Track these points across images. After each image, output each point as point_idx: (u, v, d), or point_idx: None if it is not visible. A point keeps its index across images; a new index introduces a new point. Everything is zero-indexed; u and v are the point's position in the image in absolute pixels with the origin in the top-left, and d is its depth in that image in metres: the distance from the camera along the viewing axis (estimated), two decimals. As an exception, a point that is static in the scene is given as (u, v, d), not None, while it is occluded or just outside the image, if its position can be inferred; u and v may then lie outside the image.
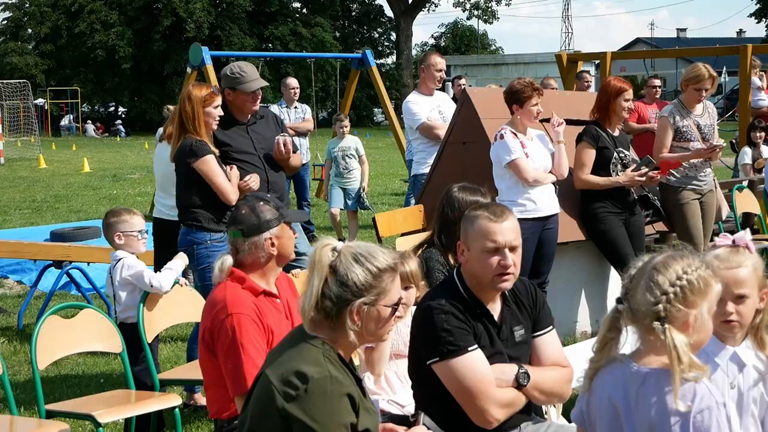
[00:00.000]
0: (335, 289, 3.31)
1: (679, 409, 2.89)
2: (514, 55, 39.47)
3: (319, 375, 3.22)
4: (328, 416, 3.20)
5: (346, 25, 68.87)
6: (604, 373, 3.10)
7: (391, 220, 8.33)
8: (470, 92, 8.66)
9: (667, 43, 76.91)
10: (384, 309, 3.37)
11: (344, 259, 3.35)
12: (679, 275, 2.97)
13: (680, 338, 2.92)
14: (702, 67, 8.38)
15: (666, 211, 8.45)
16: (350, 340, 3.34)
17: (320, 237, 3.55)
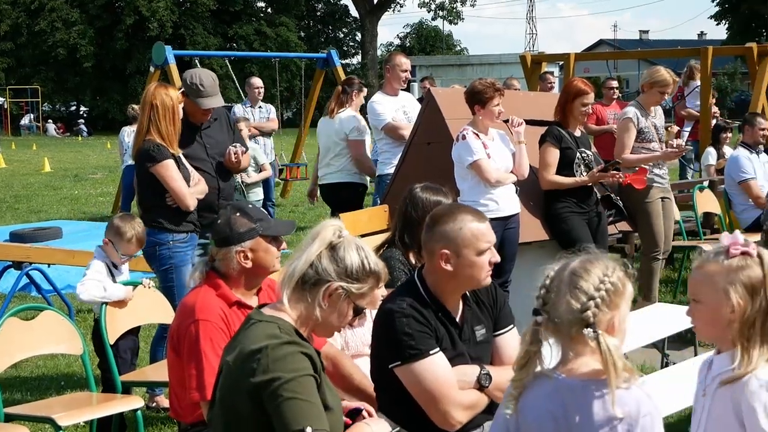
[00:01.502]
0: (326, 262, 3.37)
1: (619, 416, 2.85)
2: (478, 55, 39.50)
3: (277, 341, 3.26)
4: (291, 369, 3.22)
5: (311, 25, 68.77)
6: (532, 391, 3.01)
7: (355, 219, 8.31)
8: (435, 92, 8.66)
9: (630, 44, 77.33)
10: (350, 308, 3.41)
11: (346, 243, 3.42)
12: (601, 278, 2.93)
13: (613, 342, 2.89)
14: (665, 73, 8.48)
15: (629, 210, 8.50)
16: (314, 316, 3.36)
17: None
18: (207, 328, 4.21)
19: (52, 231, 11.86)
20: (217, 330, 4.21)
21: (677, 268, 10.50)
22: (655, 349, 7.10)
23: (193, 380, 4.19)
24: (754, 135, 10.65)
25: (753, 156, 10.52)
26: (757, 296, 3.07)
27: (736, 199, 10.51)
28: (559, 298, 2.95)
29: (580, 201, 8.00)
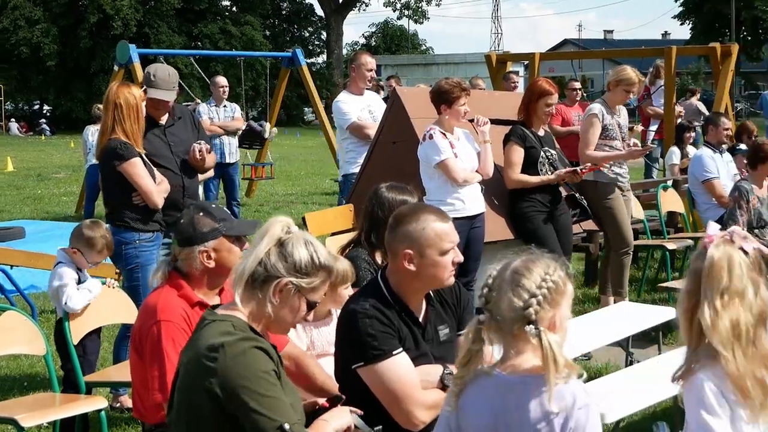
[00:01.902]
0: (274, 259, 3.38)
1: (555, 411, 2.88)
2: (444, 55, 39.66)
3: (232, 339, 3.27)
4: (250, 369, 3.23)
5: (276, 24, 68.51)
6: (472, 388, 3.05)
7: (321, 219, 8.30)
8: (400, 92, 8.67)
9: (595, 44, 77.93)
10: (303, 302, 3.42)
11: (294, 239, 3.42)
12: (543, 277, 2.97)
13: (554, 338, 2.92)
14: (631, 72, 8.54)
15: (593, 209, 8.53)
16: (266, 313, 3.38)
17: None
18: (169, 328, 4.19)
19: (15, 231, 11.74)
20: (179, 330, 4.19)
21: (641, 267, 10.56)
22: (619, 347, 7.13)
23: (155, 381, 4.17)
24: (717, 135, 10.72)
25: (716, 155, 10.59)
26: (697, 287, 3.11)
27: (699, 199, 10.58)
28: (501, 297, 2.99)
29: (544, 200, 8.03)
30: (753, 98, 61.04)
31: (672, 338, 8.16)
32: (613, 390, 5.12)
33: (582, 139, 8.63)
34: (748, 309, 3.02)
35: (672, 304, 8.91)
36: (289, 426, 3.20)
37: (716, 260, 3.06)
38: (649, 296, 9.85)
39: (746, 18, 61.30)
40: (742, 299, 3.03)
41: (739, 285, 3.03)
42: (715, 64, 14.50)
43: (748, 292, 3.04)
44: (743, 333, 3.01)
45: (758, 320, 3.04)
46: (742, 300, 3.03)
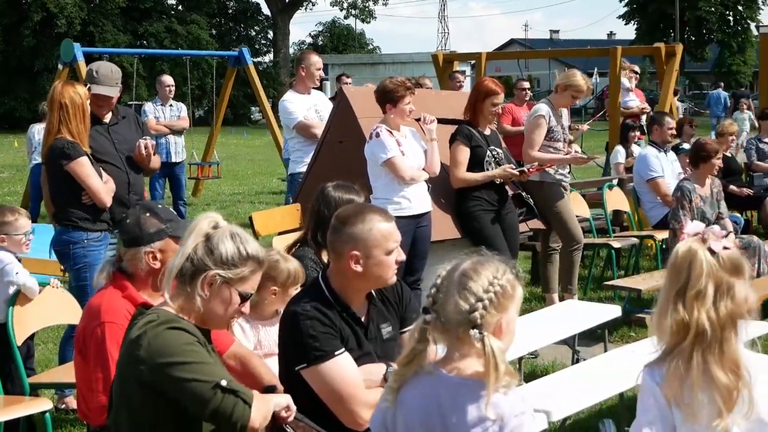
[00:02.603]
0: (201, 253, 3.41)
1: (492, 418, 2.87)
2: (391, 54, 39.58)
3: (153, 323, 3.33)
4: (170, 346, 3.29)
5: (222, 23, 68.13)
6: (413, 386, 3.03)
7: (268, 218, 8.28)
8: (347, 91, 8.67)
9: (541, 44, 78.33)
10: (235, 294, 3.44)
11: (221, 233, 3.45)
12: (491, 281, 2.95)
13: (497, 344, 2.90)
14: (582, 79, 8.62)
15: (539, 208, 8.58)
16: (195, 306, 3.40)
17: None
18: (113, 330, 4.14)
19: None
20: (124, 332, 4.15)
21: (588, 266, 10.63)
22: (566, 345, 7.17)
23: (99, 383, 4.13)
24: (662, 134, 10.84)
25: (661, 155, 10.70)
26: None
27: (644, 197, 10.68)
28: (448, 298, 2.96)
29: (491, 199, 8.06)
30: (697, 98, 61.80)
31: (618, 336, 8.23)
32: (560, 388, 5.15)
33: (527, 139, 8.67)
34: (708, 310, 2.96)
35: (618, 302, 8.99)
36: (227, 382, 3.24)
37: (678, 258, 3.03)
38: (595, 294, 9.93)
39: (690, 18, 62.01)
40: (701, 300, 2.97)
41: (697, 285, 2.97)
42: (660, 64, 14.65)
43: (708, 293, 2.96)
44: (696, 334, 2.96)
45: (725, 323, 2.97)
46: (700, 301, 2.97)
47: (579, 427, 6.03)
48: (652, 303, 3.16)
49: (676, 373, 2.99)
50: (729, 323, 2.97)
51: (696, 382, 2.95)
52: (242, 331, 4.73)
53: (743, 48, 64.06)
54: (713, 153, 8.88)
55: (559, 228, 8.74)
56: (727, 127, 12.22)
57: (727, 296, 2.98)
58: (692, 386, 2.95)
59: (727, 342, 2.96)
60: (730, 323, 2.97)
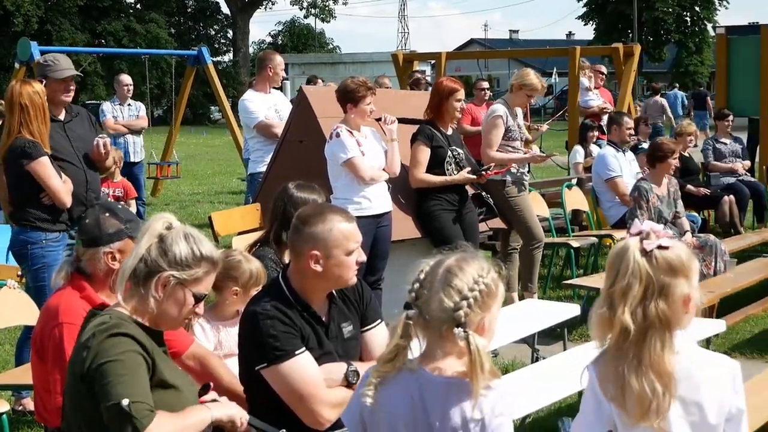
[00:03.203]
0: (154, 254, 3.40)
1: (477, 417, 2.86)
2: (351, 54, 39.57)
3: (102, 327, 3.32)
4: (110, 351, 3.26)
5: (181, 22, 67.82)
6: (395, 383, 2.98)
7: (227, 218, 8.25)
8: (306, 91, 8.66)
9: (501, 44, 78.57)
10: (189, 295, 3.43)
11: (174, 233, 3.44)
12: (476, 279, 2.91)
13: (482, 343, 2.88)
14: (535, 78, 8.66)
15: (499, 208, 8.61)
16: (149, 308, 3.39)
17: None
18: (71, 331, 4.10)
19: None
20: None
21: (547, 265, 10.68)
22: (525, 344, 7.20)
23: (57, 384, 4.09)
24: (620, 134, 10.91)
25: (620, 154, 10.77)
26: None
27: (603, 197, 10.74)
28: (432, 295, 2.92)
29: (451, 199, 8.08)
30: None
31: (577, 335, 8.27)
32: (519, 387, 5.16)
33: (485, 139, 8.70)
34: (634, 309, 2.92)
35: (577, 301, 9.04)
36: (128, 402, 3.19)
37: (611, 255, 3.04)
38: (554, 293, 9.97)
39: (648, 19, 62.47)
40: (625, 298, 2.94)
41: (622, 282, 2.95)
42: (618, 64, 14.74)
43: (633, 292, 2.93)
44: (619, 332, 2.94)
45: (654, 324, 2.92)
46: (624, 298, 2.94)
47: (538, 425, 6.06)
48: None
49: (605, 371, 3.00)
50: (659, 324, 2.92)
51: (619, 381, 2.95)
52: (203, 332, 4.72)
53: (700, 48, 64.62)
54: (670, 153, 8.95)
55: (520, 227, 8.78)
56: (685, 128, 12.33)
57: (660, 297, 2.93)
58: (616, 386, 2.96)
59: (650, 344, 2.92)
60: (661, 324, 2.92)
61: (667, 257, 2.96)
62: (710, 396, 2.95)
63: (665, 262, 2.95)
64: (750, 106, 15.04)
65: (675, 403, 2.92)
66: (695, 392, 2.95)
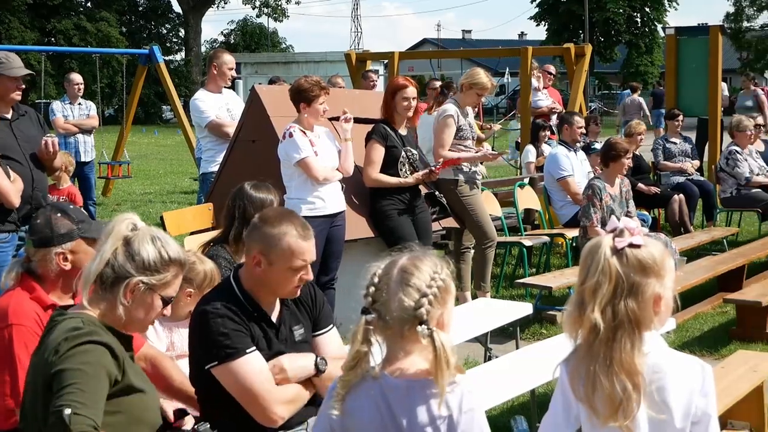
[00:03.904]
0: (121, 259, 3.33)
1: (444, 414, 2.85)
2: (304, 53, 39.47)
3: (75, 333, 3.24)
4: (76, 359, 3.19)
5: (132, 21, 67.31)
6: (360, 392, 2.94)
7: (179, 218, 8.19)
8: (259, 90, 8.62)
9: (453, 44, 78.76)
10: (157, 299, 3.39)
11: (141, 236, 3.37)
12: (432, 275, 2.90)
13: (446, 338, 2.86)
14: (485, 77, 8.69)
15: (453, 207, 8.64)
16: (117, 314, 3.33)
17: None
18: (21, 332, 4.06)
19: None
20: (32, 334, 4.06)
21: (500, 264, 10.73)
22: (478, 343, 7.23)
23: (6, 386, 4.04)
24: (572, 133, 11.00)
25: (571, 154, 10.85)
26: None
27: (555, 196, 10.81)
28: (390, 296, 2.89)
29: (404, 198, 8.10)
30: (606, 98, 62.81)
31: (529, 333, 8.32)
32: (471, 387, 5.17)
33: (437, 139, 8.73)
34: (604, 307, 2.91)
35: (529, 299, 9.09)
36: (70, 412, 3.11)
37: (583, 252, 3.02)
38: (507, 292, 10.01)
39: (599, 20, 62.92)
40: (595, 295, 2.92)
41: (592, 279, 2.93)
42: (570, 64, 14.84)
43: (603, 290, 2.90)
44: (589, 330, 2.93)
45: (623, 323, 2.90)
46: (594, 296, 2.91)
47: (491, 423, 6.02)
48: (563, 300, 3.16)
49: (576, 371, 2.99)
50: (628, 324, 2.90)
51: (589, 380, 2.93)
52: (155, 333, 4.68)
53: (650, 49, 65.23)
54: (623, 152, 9.02)
55: (473, 226, 8.81)
56: (635, 127, 12.44)
57: (631, 296, 2.91)
58: (585, 385, 2.95)
59: (619, 344, 2.90)
60: (630, 324, 2.90)
61: (639, 256, 2.94)
62: (678, 398, 2.94)
63: (636, 261, 2.93)
64: (699, 106, 15.20)
65: (643, 404, 2.90)
66: (663, 393, 2.93)
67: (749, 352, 6.55)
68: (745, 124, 12.30)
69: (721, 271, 9.33)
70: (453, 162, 8.46)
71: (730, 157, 12.12)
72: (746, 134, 12.25)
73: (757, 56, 58.57)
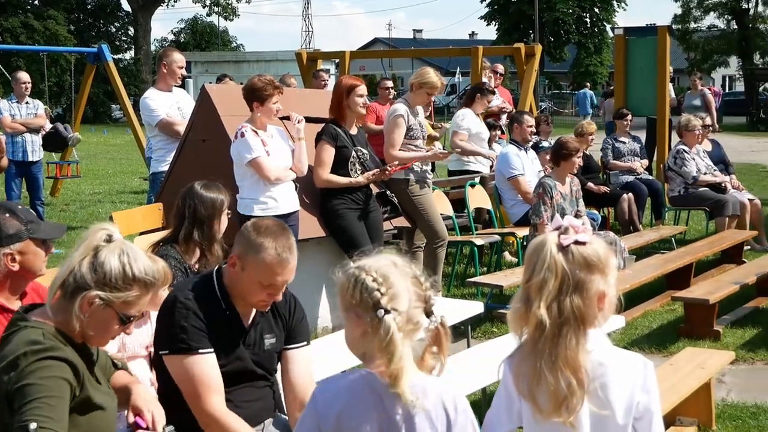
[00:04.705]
0: (84, 269, 3.22)
1: (442, 414, 2.86)
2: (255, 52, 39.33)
3: (36, 347, 3.16)
4: (36, 374, 3.12)
5: (81, 19, 66.64)
6: (353, 396, 2.85)
7: (129, 218, 8.13)
8: (209, 89, 8.58)
9: (404, 43, 78.84)
10: (114, 317, 3.27)
11: (109, 249, 3.25)
12: (414, 269, 2.87)
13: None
14: (435, 76, 8.72)
15: (404, 206, 8.65)
16: (73, 326, 3.24)
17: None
18: None
19: None
20: None
21: (451, 263, 10.75)
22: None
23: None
24: (522, 132, 11.06)
25: (521, 153, 10.91)
26: None
27: (505, 195, 10.87)
28: (401, 292, 2.79)
29: (355, 198, 8.10)
30: (557, 97, 63.24)
31: (481, 332, 8.35)
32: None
33: (388, 139, 8.74)
34: (550, 304, 2.90)
35: (480, 298, 9.12)
36: (36, 426, 3.05)
37: (529, 249, 3.02)
38: (458, 291, 10.04)
39: (549, 20, 63.33)
40: (541, 292, 2.91)
41: (538, 276, 2.92)
42: (520, 63, 14.92)
43: (549, 286, 2.90)
44: (535, 327, 2.92)
45: (569, 320, 2.91)
46: (540, 293, 2.91)
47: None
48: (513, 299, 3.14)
49: (520, 367, 2.99)
50: (573, 320, 2.91)
51: (534, 376, 2.94)
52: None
53: (600, 49, 65.77)
54: (574, 151, 9.08)
55: (424, 225, 8.84)
56: (586, 127, 12.53)
57: (576, 292, 2.92)
58: (530, 381, 2.95)
59: (564, 339, 2.90)
60: (575, 321, 2.91)
61: (584, 253, 2.94)
62: (620, 394, 2.96)
63: (581, 258, 2.93)
64: (648, 106, 15.33)
65: (586, 400, 2.92)
66: (606, 390, 2.95)
67: (697, 349, 6.63)
68: (693, 124, 12.42)
69: (670, 269, 9.42)
70: (405, 167, 8.47)
71: (678, 157, 12.24)
72: (694, 134, 12.37)
73: (704, 56, 59.23)
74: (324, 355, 5.52)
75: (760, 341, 8.02)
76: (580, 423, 2.93)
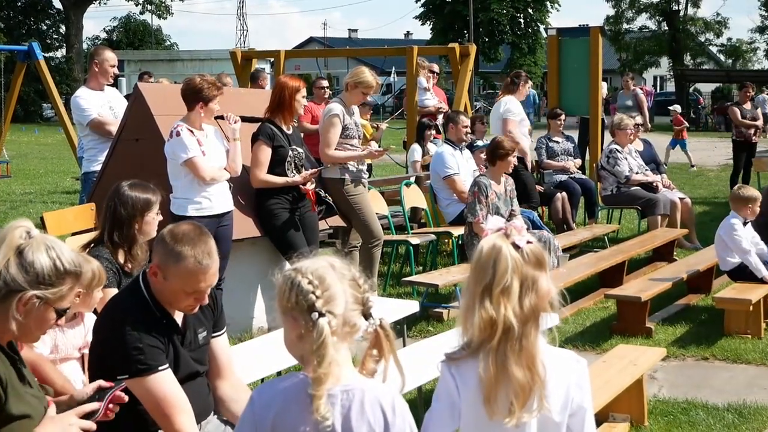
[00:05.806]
0: (14, 271, 3.15)
1: (380, 416, 2.84)
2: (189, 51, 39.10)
3: None
4: None
5: (11, 16, 65.65)
6: (288, 398, 2.83)
7: (60, 218, 8.03)
8: (142, 88, 8.50)
9: (340, 42, 78.90)
10: (51, 312, 3.24)
11: (35, 245, 3.19)
12: (353, 271, 2.88)
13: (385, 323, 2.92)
14: (370, 75, 8.74)
15: (339, 206, 8.65)
16: (9, 328, 3.17)
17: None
18: None
19: None
20: None
21: (387, 262, 10.77)
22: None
23: None
24: (457, 132, 11.10)
25: (457, 152, 10.95)
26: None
27: (441, 194, 10.90)
28: (338, 295, 2.79)
29: (290, 197, 8.08)
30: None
31: (416, 331, 8.36)
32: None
33: (323, 139, 8.73)
34: (514, 306, 2.93)
35: (416, 297, 9.14)
36: None
37: (483, 254, 3.00)
38: (394, 290, 10.05)
39: (483, 20, 63.63)
40: (507, 296, 2.94)
41: (503, 281, 2.94)
42: (455, 63, 14.96)
43: (513, 289, 2.94)
44: (504, 331, 2.93)
45: (529, 317, 2.95)
46: (506, 297, 2.94)
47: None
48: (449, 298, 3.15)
49: (485, 373, 2.96)
50: (532, 318, 2.96)
51: (499, 379, 2.94)
52: (36, 335, 4.57)
53: (534, 49, 66.24)
54: (510, 151, 9.14)
55: (359, 225, 8.84)
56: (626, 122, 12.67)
57: (532, 290, 2.97)
58: (496, 383, 2.95)
59: (527, 337, 2.95)
60: (533, 318, 2.97)
61: (534, 251, 3.00)
62: (556, 392, 2.99)
63: (534, 257, 2.99)
64: (581, 106, 15.46)
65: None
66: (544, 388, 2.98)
67: (629, 346, 6.71)
68: (625, 123, 12.56)
69: (603, 267, 9.53)
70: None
71: (611, 156, 12.37)
72: (626, 133, 12.51)
73: (636, 57, 60.00)
74: (260, 355, 5.50)
75: (691, 338, 8.13)
76: (524, 423, 2.96)
